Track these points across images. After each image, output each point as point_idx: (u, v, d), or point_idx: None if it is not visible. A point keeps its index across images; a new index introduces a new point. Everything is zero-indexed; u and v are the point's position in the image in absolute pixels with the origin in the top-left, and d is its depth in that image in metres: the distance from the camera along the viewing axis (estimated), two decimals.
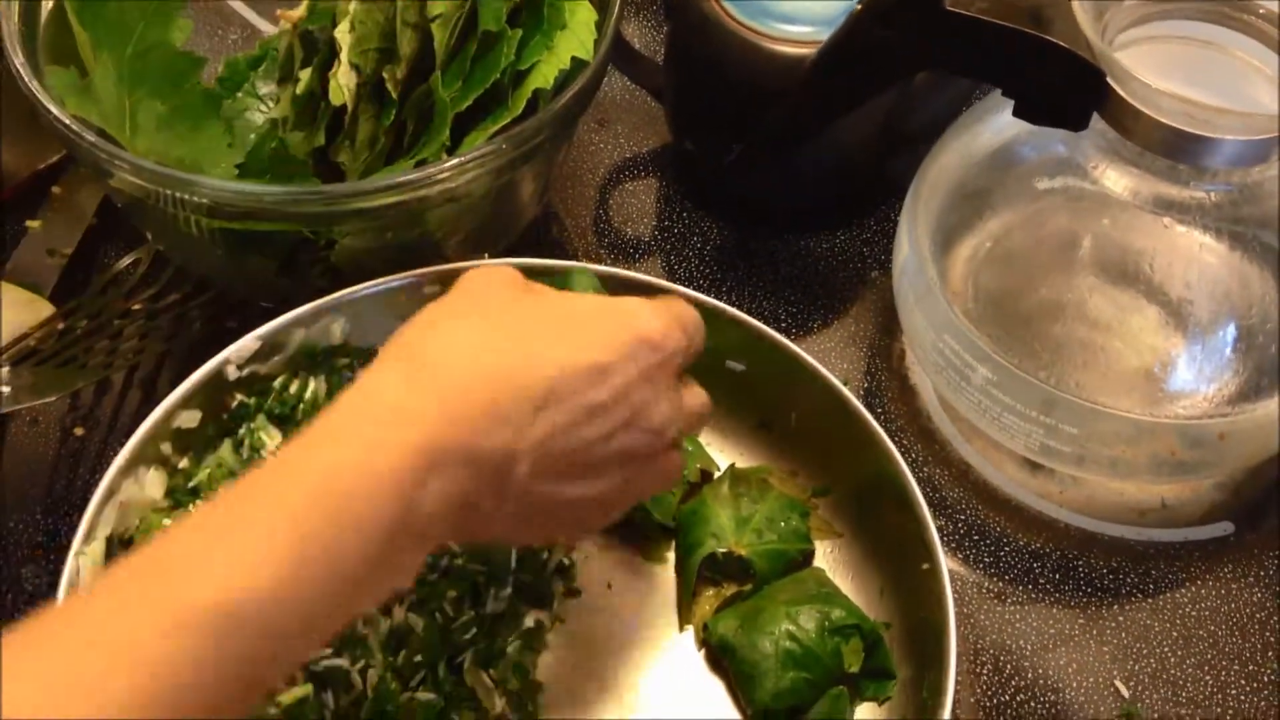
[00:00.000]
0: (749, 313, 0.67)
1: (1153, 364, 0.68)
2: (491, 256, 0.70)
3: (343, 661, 0.56)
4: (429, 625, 0.59)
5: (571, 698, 0.62)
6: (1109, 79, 0.60)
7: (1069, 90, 0.61)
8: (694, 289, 0.67)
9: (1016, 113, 0.63)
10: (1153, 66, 0.61)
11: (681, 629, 0.64)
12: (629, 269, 0.69)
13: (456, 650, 0.60)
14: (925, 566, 0.60)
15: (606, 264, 0.76)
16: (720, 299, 0.68)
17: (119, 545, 0.60)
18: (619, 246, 0.80)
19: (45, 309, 0.72)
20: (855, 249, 0.81)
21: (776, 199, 0.81)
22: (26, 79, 0.65)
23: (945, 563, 0.60)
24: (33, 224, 0.76)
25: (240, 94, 0.78)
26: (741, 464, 0.68)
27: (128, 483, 0.60)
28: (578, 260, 0.78)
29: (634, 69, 0.81)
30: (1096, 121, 0.62)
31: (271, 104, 0.78)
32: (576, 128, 0.73)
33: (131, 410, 0.71)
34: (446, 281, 0.67)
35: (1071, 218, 0.69)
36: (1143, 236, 0.67)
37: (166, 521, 0.60)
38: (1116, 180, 0.64)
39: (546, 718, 0.61)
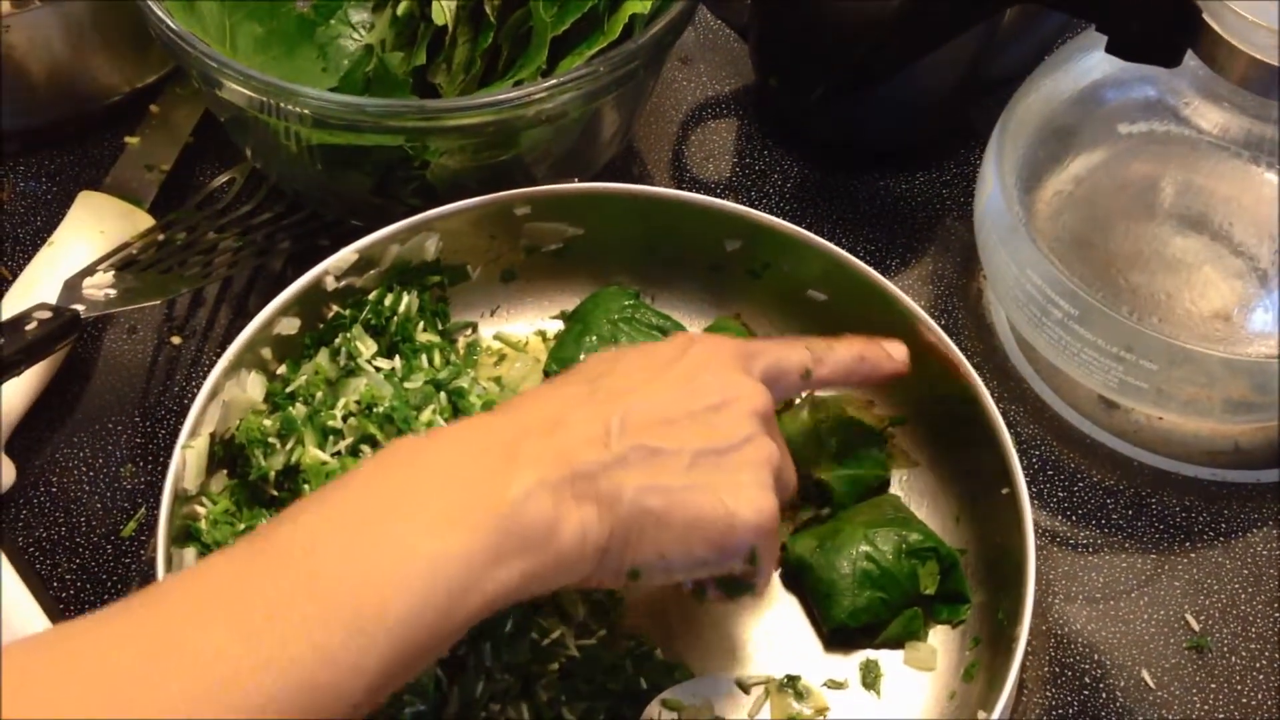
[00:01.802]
0: (827, 242, 0.68)
1: (1232, 307, 0.69)
2: (580, 182, 0.71)
3: None
4: None
5: (651, 612, 0.63)
6: (1204, 14, 0.61)
7: (1163, 25, 0.62)
8: (772, 216, 0.68)
9: (1109, 49, 0.64)
10: (1249, 1, 0.61)
11: None
12: None
13: None
14: (1004, 492, 0.61)
15: None
16: None
17: (220, 443, 0.62)
18: (699, 182, 0.81)
19: (144, 220, 0.74)
20: (934, 190, 0.81)
21: (859, 138, 0.81)
22: None
23: (1025, 489, 0.60)
24: (131, 140, 0.78)
25: (334, 20, 0.79)
26: (821, 392, 0.69)
27: (230, 384, 0.62)
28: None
29: (720, 6, 0.82)
30: (1190, 59, 0.63)
31: (364, 31, 0.79)
32: (667, 58, 0.74)
33: (225, 322, 0.73)
34: (536, 203, 0.69)
35: (1156, 161, 0.69)
36: (1227, 180, 0.68)
37: (266, 423, 0.61)
38: (1208, 119, 0.64)
39: (626, 627, 0.62)
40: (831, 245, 0.68)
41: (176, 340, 0.73)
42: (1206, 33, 0.61)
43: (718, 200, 0.70)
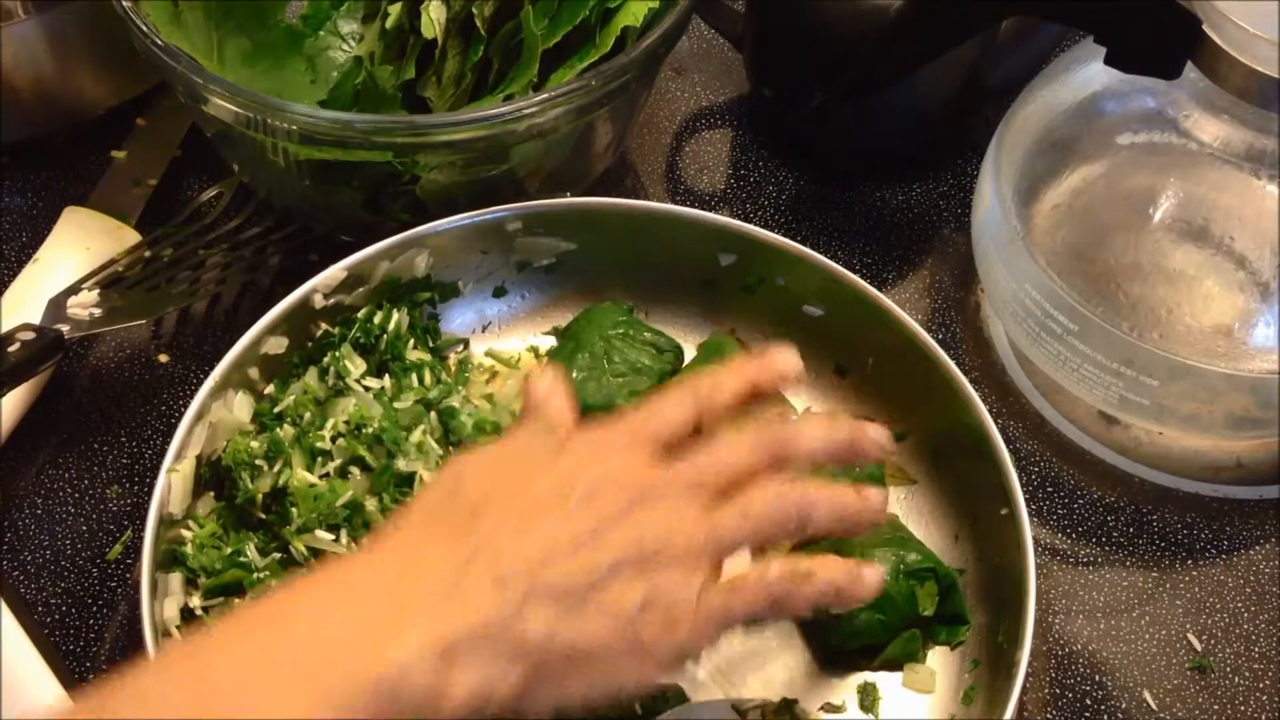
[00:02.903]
0: (823, 257, 0.67)
1: (1233, 321, 0.68)
2: (572, 196, 0.70)
3: None
4: None
5: None
6: (1205, 25, 0.60)
7: (1163, 37, 0.61)
8: (767, 231, 0.68)
9: (1108, 61, 0.63)
10: (1250, 12, 0.60)
11: None
12: None
13: None
14: (1004, 512, 0.61)
15: None
16: None
17: (207, 465, 0.61)
18: (693, 194, 0.80)
19: (131, 236, 0.73)
20: (931, 202, 0.80)
21: (854, 149, 0.81)
22: (125, 5, 0.65)
23: (1025, 509, 0.60)
24: (118, 154, 0.77)
25: (323, 32, 0.79)
26: (818, 408, 0.69)
27: (217, 405, 0.61)
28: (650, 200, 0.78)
29: (714, 15, 0.81)
30: (1190, 70, 0.62)
31: (354, 43, 0.78)
32: (660, 70, 0.73)
33: (214, 339, 0.72)
34: (527, 219, 0.68)
35: (1156, 173, 0.68)
36: (1228, 193, 0.67)
37: (253, 444, 0.60)
38: (1207, 131, 0.64)
39: None
40: (827, 260, 0.67)
41: (163, 358, 0.72)
42: (1206, 44, 0.60)
43: (712, 215, 0.69)
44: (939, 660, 0.62)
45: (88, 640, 0.63)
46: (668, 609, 0.48)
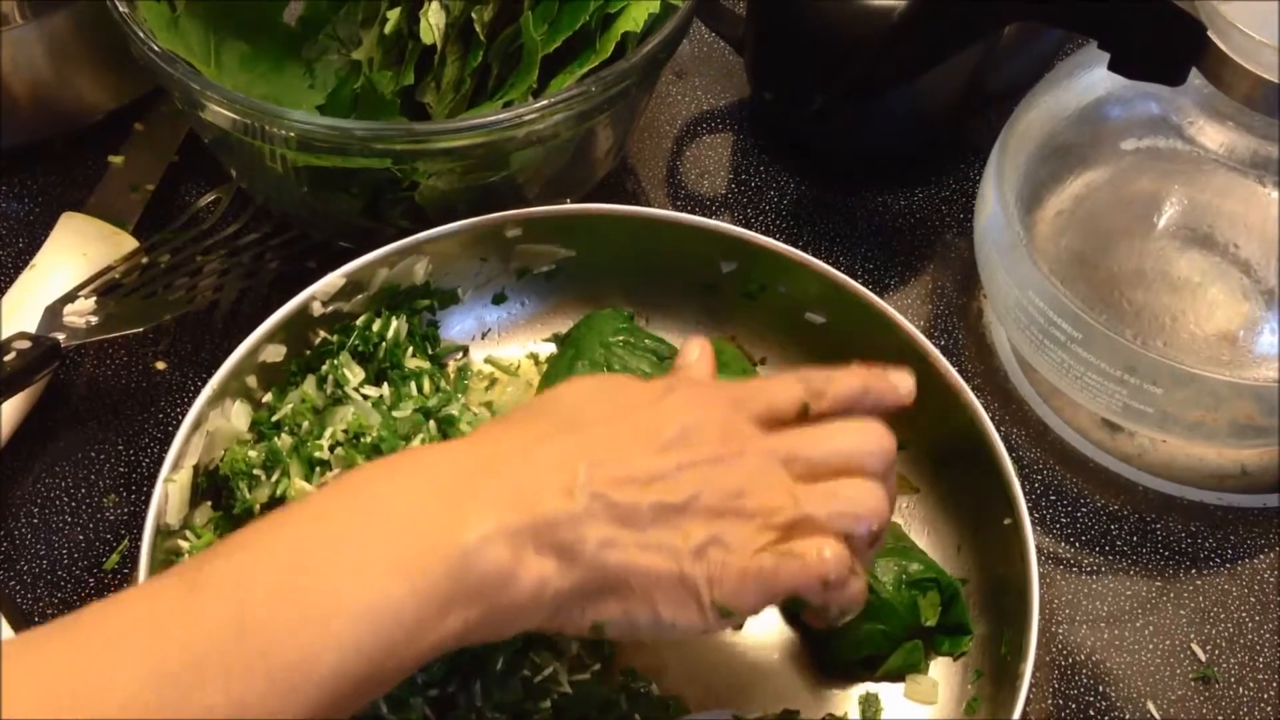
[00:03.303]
0: (825, 264, 0.66)
1: (1238, 328, 0.67)
2: (573, 203, 0.70)
3: None
4: None
5: (645, 646, 0.62)
6: (1210, 32, 0.59)
7: (1167, 43, 0.61)
8: (768, 238, 0.67)
9: (1112, 67, 0.63)
10: (1255, 19, 0.59)
11: None
12: None
13: None
14: (1007, 522, 0.60)
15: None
16: None
17: (204, 475, 0.61)
18: (694, 199, 0.80)
19: (128, 243, 0.72)
20: (933, 206, 0.80)
21: (856, 152, 0.80)
22: (122, 10, 0.65)
23: (1028, 518, 0.59)
24: (115, 159, 0.77)
25: (321, 36, 0.78)
26: None
27: (214, 413, 0.61)
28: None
29: (715, 19, 0.80)
30: (1194, 77, 0.61)
31: (352, 47, 0.78)
32: (660, 75, 0.72)
33: (211, 346, 0.72)
34: (527, 225, 0.67)
35: (1160, 178, 0.68)
36: (1232, 199, 0.66)
37: (251, 454, 0.60)
38: (1212, 138, 0.63)
39: (620, 663, 0.61)
40: (829, 267, 0.66)
41: (161, 365, 0.71)
42: (1211, 51, 0.59)
43: (713, 221, 0.68)
44: (941, 671, 0.62)
45: None
46: (725, 557, 0.49)
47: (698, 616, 0.49)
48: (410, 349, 0.66)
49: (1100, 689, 0.63)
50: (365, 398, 0.63)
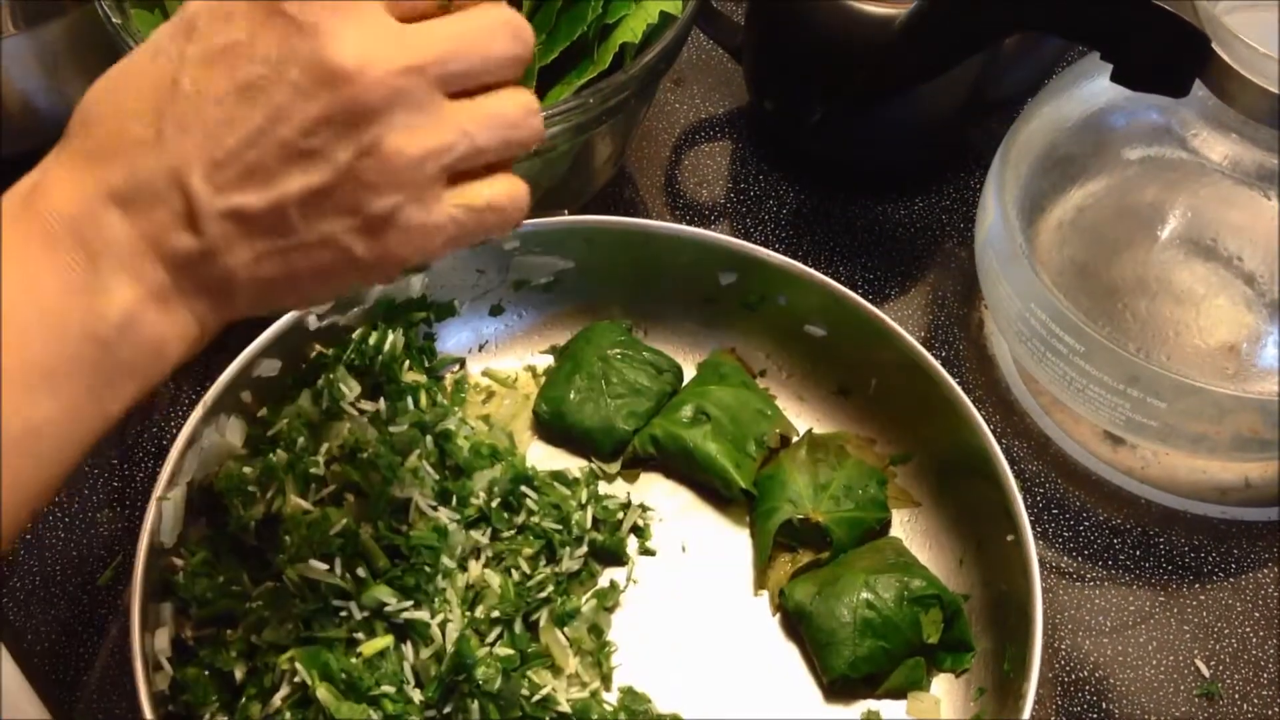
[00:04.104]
0: (825, 277, 0.66)
1: (1241, 340, 0.67)
2: (570, 214, 0.69)
3: (423, 614, 0.56)
4: (505, 582, 0.59)
5: (644, 659, 0.61)
6: (1214, 44, 0.59)
7: (1171, 55, 0.60)
8: (768, 250, 0.66)
9: (1114, 78, 0.62)
10: (1259, 31, 0.59)
11: (756, 594, 0.64)
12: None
13: (532, 608, 0.60)
14: (1009, 539, 0.60)
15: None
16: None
17: (199, 491, 0.60)
18: (692, 208, 0.79)
19: None
20: (934, 216, 0.79)
21: (856, 162, 0.79)
22: (113, 20, 0.64)
23: (1030, 534, 0.59)
24: None
25: None
26: (819, 430, 0.68)
27: (208, 430, 0.60)
28: (650, 219, 0.77)
29: (714, 27, 0.80)
30: (1198, 88, 0.61)
31: None
32: (659, 85, 0.72)
33: (205, 358, 0.70)
34: (525, 237, 0.67)
35: (1164, 188, 0.67)
36: (1236, 209, 0.66)
37: (246, 470, 0.59)
38: (1216, 149, 0.63)
39: (619, 680, 0.61)
40: (829, 279, 0.66)
41: None
42: (1215, 63, 0.59)
43: (712, 233, 0.68)
44: (944, 688, 0.61)
45: (78, 669, 0.62)
46: (407, 224, 0.43)
47: (382, 281, 0.46)
48: (407, 362, 0.65)
49: (1103, 705, 0.63)
50: (361, 412, 0.62)
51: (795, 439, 0.67)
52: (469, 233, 0.45)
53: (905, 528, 0.66)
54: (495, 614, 0.58)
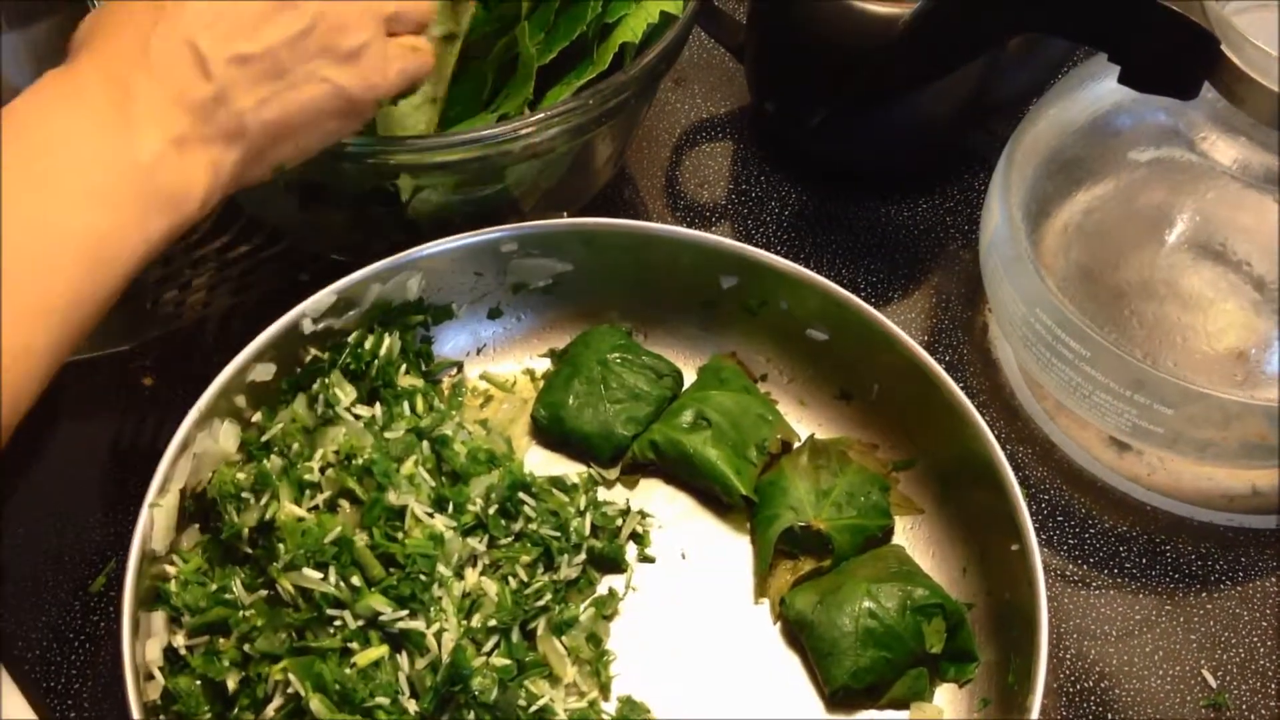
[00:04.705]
0: (827, 280, 0.65)
1: (1250, 347, 0.66)
2: (569, 216, 0.68)
3: (418, 624, 0.55)
4: (502, 590, 0.58)
5: (643, 668, 0.61)
6: (1223, 46, 0.58)
7: (1180, 57, 0.59)
8: (770, 253, 0.65)
9: (1122, 80, 0.61)
10: (1270, 32, 0.58)
11: (756, 602, 0.63)
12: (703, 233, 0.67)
13: (530, 616, 0.59)
14: (1014, 548, 0.59)
15: (681, 228, 0.74)
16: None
17: (191, 497, 0.59)
18: (693, 209, 0.78)
19: None
20: (937, 217, 0.78)
21: (859, 163, 0.79)
22: None
23: (1035, 543, 0.58)
24: None
25: None
26: (821, 435, 0.67)
27: (202, 435, 0.59)
28: (650, 221, 0.77)
29: (715, 26, 0.79)
30: (1206, 90, 0.60)
31: None
32: (659, 85, 0.71)
33: (201, 361, 0.70)
34: (523, 239, 0.66)
35: (1171, 191, 0.66)
36: (1245, 213, 0.65)
37: (240, 476, 0.59)
38: (1224, 153, 0.62)
39: (617, 689, 0.60)
40: (831, 283, 0.65)
41: (148, 381, 0.70)
42: (1225, 65, 0.58)
43: (713, 236, 0.67)
44: (947, 698, 0.60)
45: (69, 677, 0.61)
46: (373, 59, 0.54)
47: (366, 115, 0.56)
48: (403, 367, 0.64)
49: (1109, 716, 0.62)
50: (357, 418, 0.61)
51: (797, 444, 0.66)
52: (409, 65, 0.56)
53: (908, 535, 0.65)
54: (492, 623, 0.57)
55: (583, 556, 0.62)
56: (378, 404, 0.63)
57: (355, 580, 0.55)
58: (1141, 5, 0.58)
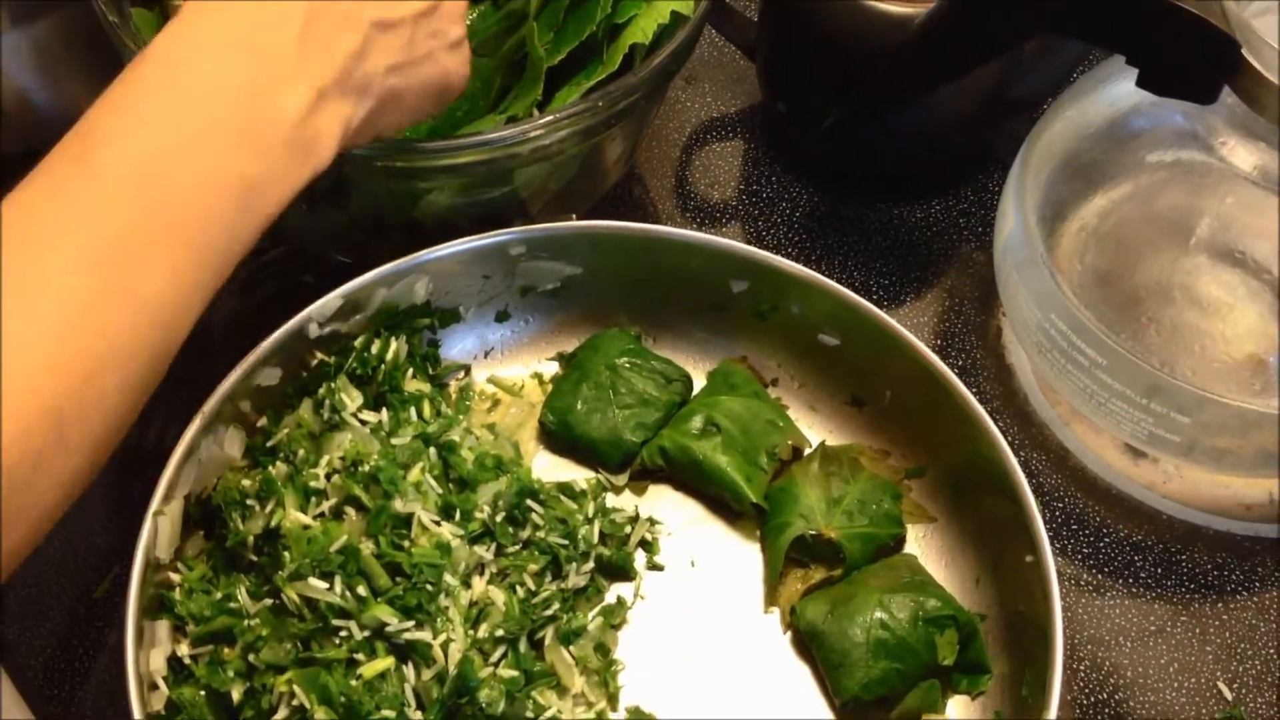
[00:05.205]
0: (839, 284, 0.64)
1: (1267, 354, 0.65)
2: (578, 216, 0.67)
3: (425, 635, 0.54)
4: (510, 599, 0.58)
5: (652, 678, 0.60)
6: (1243, 49, 0.57)
7: (1199, 60, 0.58)
8: (781, 257, 0.65)
9: (1140, 83, 0.60)
10: None
11: (766, 611, 0.62)
12: (713, 234, 0.66)
13: (538, 626, 0.58)
14: (1029, 559, 0.58)
15: (691, 229, 0.73)
16: (809, 269, 0.65)
17: (196, 503, 0.59)
18: (703, 211, 0.77)
19: None
20: (951, 219, 0.77)
21: (871, 164, 0.78)
22: (112, 19, 0.63)
23: (1050, 554, 0.57)
24: None
25: None
26: (832, 442, 0.66)
27: (207, 441, 0.59)
28: (661, 224, 0.76)
29: (727, 25, 0.78)
30: (1226, 95, 0.59)
31: None
32: (669, 86, 0.70)
33: (205, 365, 0.69)
34: (531, 242, 0.65)
35: (1189, 195, 0.66)
36: (1264, 218, 0.64)
37: (245, 483, 0.58)
38: (1243, 157, 0.61)
39: (625, 700, 0.59)
40: (843, 288, 0.64)
41: None
42: (1246, 69, 0.57)
43: (723, 239, 0.66)
44: (959, 710, 0.60)
45: (73, 685, 0.61)
46: (465, 46, 0.57)
47: (447, 104, 0.59)
48: (410, 371, 0.64)
49: None
50: (364, 423, 0.61)
51: (808, 451, 0.65)
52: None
53: (920, 544, 0.64)
54: (499, 633, 0.57)
55: (591, 564, 0.61)
56: (384, 409, 0.62)
57: (361, 590, 0.55)
58: (1160, 8, 0.57)
